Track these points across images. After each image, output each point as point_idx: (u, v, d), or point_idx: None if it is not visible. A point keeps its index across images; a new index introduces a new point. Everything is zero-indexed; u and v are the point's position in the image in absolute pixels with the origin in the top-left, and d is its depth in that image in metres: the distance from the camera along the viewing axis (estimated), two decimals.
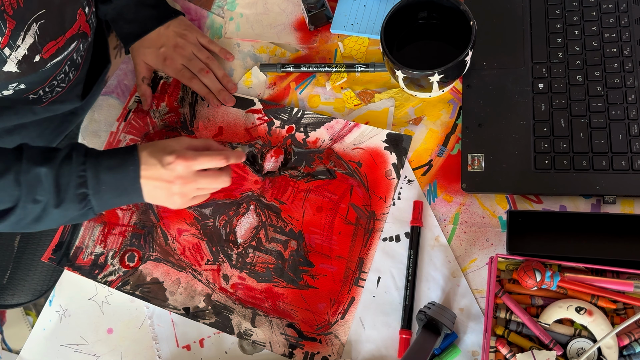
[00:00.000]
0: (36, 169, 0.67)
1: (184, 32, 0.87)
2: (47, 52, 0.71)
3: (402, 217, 0.76)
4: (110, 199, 0.70)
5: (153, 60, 0.87)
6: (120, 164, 0.70)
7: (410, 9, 0.78)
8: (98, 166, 0.69)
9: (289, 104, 0.85)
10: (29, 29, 0.67)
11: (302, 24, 0.90)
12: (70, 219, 0.71)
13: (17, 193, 0.67)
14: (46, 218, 0.69)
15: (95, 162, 0.69)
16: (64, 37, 0.73)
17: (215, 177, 0.73)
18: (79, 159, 0.69)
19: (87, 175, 0.68)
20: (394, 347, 0.71)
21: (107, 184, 0.69)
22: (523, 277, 0.63)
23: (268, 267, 0.77)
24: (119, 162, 0.70)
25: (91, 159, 0.69)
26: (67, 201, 0.68)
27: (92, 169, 0.69)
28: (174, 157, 0.70)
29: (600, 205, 0.72)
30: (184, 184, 0.71)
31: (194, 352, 0.76)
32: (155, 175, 0.70)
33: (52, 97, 0.81)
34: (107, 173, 0.69)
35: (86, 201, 0.69)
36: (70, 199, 0.68)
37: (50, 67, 0.74)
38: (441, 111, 0.80)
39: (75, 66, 0.81)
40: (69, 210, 0.69)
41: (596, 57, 0.76)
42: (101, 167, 0.69)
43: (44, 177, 0.67)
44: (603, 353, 0.62)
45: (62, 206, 0.68)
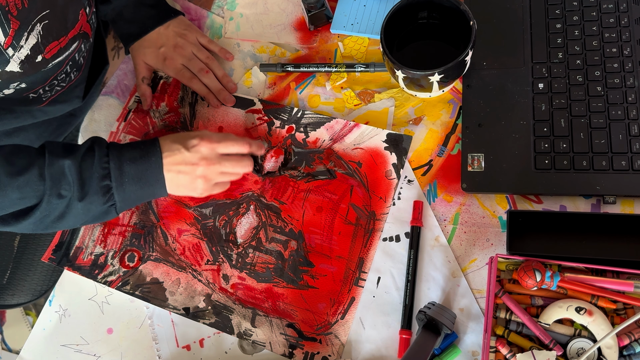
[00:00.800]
0: (59, 161, 0.68)
1: (184, 32, 0.87)
2: (50, 52, 0.72)
3: (402, 217, 0.76)
4: (133, 192, 0.71)
5: (153, 60, 0.87)
6: (143, 155, 0.71)
7: (410, 9, 0.78)
8: (121, 157, 0.70)
9: (289, 104, 0.85)
10: (33, 29, 0.67)
11: (302, 24, 0.90)
12: (93, 216, 0.71)
13: (41, 188, 0.67)
14: (70, 214, 0.69)
15: (118, 154, 0.70)
16: (66, 37, 0.74)
17: (238, 160, 0.75)
18: (102, 151, 0.70)
19: (111, 166, 0.69)
20: (394, 347, 0.71)
21: (129, 176, 0.70)
22: (523, 277, 0.63)
23: (268, 267, 0.77)
24: (141, 153, 0.71)
25: (114, 151, 0.70)
26: (90, 194, 0.68)
27: (115, 161, 0.69)
28: (198, 140, 0.72)
29: (600, 205, 0.72)
30: (208, 166, 0.72)
31: (194, 352, 0.76)
32: (178, 159, 0.71)
33: (52, 97, 0.81)
34: (130, 164, 0.70)
35: (109, 195, 0.70)
36: (94, 191, 0.69)
37: (52, 66, 0.74)
38: (441, 111, 0.80)
39: (78, 67, 0.81)
40: (92, 204, 0.69)
41: (596, 57, 0.76)
42: (124, 158, 0.70)
43: (67, 169, 0.68)
44: (603, 353, 0.62)
45: (86, 199, 0.68)
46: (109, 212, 0.72)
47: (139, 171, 0.70)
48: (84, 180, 0.68)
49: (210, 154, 0.73)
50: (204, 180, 0.73)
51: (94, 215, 0.71)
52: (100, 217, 0.72)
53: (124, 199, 0.71)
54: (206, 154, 0.72)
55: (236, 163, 0.75)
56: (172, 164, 0.72)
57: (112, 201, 0.70)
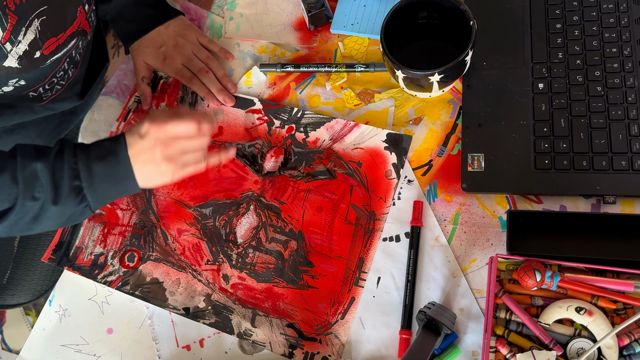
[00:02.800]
0: (32, 164, 0.67)
1: (184, 32, 0.87)
2: (48, 48, 0.72)
3: (402, 217, 0.76)
4: (105, 190, 0.70)
5: (153, 59, 0.87)
6: (109, 152, 0.69)
7: (410, 9, 0.78)
8: (88, 157, 0.69)
9: (289, 104, 0.85)
10: (31, 24, 0.67)
11: (302, 23, 0.90)
12: (68, 217, 0.70)
13: (15, 191, 0.67)
14: (44, 217, 0.69)
15: (84, 153, 0.69)
16: (65, 34, 0.74)
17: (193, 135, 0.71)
18: (69, 152, 0.69)
19: (79, 167, 0.68)
20: (394, 347, 0.71)
21: (99, 175, 0.69)
22: (523, 277, 0.63)
23: (268, 267, 0.77)
24: (107, 151, 0.70)
25: (80, 152, 0.69)
26: (63, 196, 0.68)
27: (82, 161, 0.69)
28: (147, 124, 0.69)
29: (600, 205, 0.72)
30: (165, 147, 0.70)
31: (194, 352, 0.76)
32: (138, 149, 0.70)
33: (52, 95, 0.81)
34: (98, 163, 0.69)
35: (82, 195, 0.69)
36: (67, 193, 0.68)
37: (51, 63, 0.74)
38: (441, 111, 0.80)
39: (74, 63, 0.81)
40: (66, 205, 0.69)
41: (596, 57, 0.76)
42: (91, 157, 0.69)
43: (40, 172, 0.67)
44: (603, 353, 0.62)
45: (59, 202, 0.68)
46: (84, 213, 0.71)
47: (107, 168, 0.69)
48: (56, 182, 0.68)
49: (162, 135, 0.70)
50: (168, 161, 0.71)
51: (69, 216, 0.70)
52: (75, 217, 0.71)
53: (96, 198, 0.70)
54: (158, 136, 0.70)
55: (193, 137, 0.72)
56: (135, 156, 0.70)
57: (85, 201, 0.69)
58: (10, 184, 0.66)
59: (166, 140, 0.70)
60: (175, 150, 0.70)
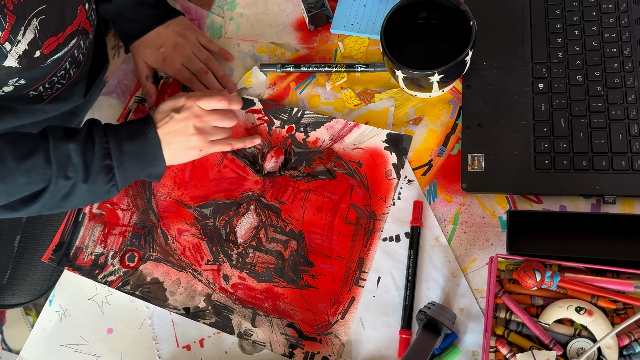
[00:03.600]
0: (64, 144, 0.69)
1: (184, 32, 0.87)
2: (48, 47, 0.72)
3: (402, 217, 0.76)
4: (133, 170, 0.73)
5: (152, 60, 0.87)
6: (139, 132, 0.73)
7: (410, 9, 0.78)
8: (119, 136, 0.72)
9: (289, 104, 0.85)
10: (29, 24, 0.67)
11: (302, 24, 0.90)
12: (95, 196, 0.73)
13: (48, 171, 0.69)
14: (74, 195, 0.71)
15: (115, 133, 0.72)
16: (65, 33, 0.74)
17: (223, 114, 0.78)
18: (99, 132, 0.72)
19: (110, 146, 0.71)
20: (394, 347, 0.71)
21: (129, 154, 0.72)
22: (523, 277, 0.63)
23: (268, 267, 0.77)
24: (137, 131, 0.73)
25: (111, 132, 0.72)
26: (94, 175, 0.70)
27: (113, 140, 0.71)
28: (184, 99, 0.75)
29: (600, 205, 0.72)
30: (198, 120, 0.75)
31: (194, 352, 0.76)
32: (171, 123, 0.74)
33: (53, 94, 0.81)
34: (128, 142, 0.72)
35: (111, 174, 0.72)
36: (97, 172, 0.71)
37: (51, 62, 0.74)
38: (441, 111, 0.80)
39: (77, 63, 0.81)
40: (96, 183, 0.71)
41: (596, 57, 0.76)
42: (121, 137, 0.72)
43: (72, 152, 0.69)
44: (603, 353, 0.62)
45: (89, 180, 0.70)
46: (110, 192, 0.74)
47: (137, 148, 0.72)
48: (87, 162, 0.70)
49: (198, 110, 0.75)
50: (199, 134, 0.75)
51: (97, 194, 0.73)
52: (102, 196, 0.74)
53: (124, 178, 0.73)
54: (195, 110, 0.75)
55: (222, 116, 0.77)
56: (165, 131, 0.74)
57: (113, 181, 0.72)
58: (44, 164, 0.68)
59: (200, 113, 0.75)
60: (207, 124, 0.76)
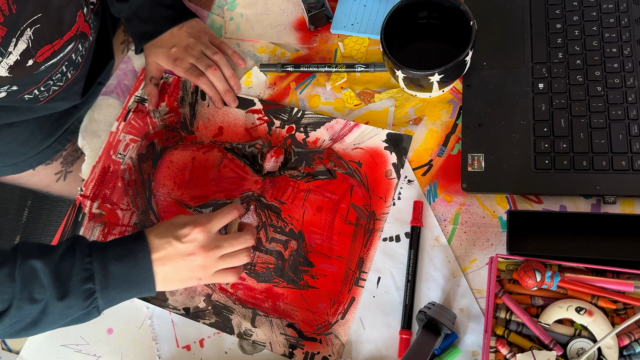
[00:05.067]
0: (31, 261, 0.62)
1: (197, 34, 0.87)
2: (41, 55, 0.71)
3: (402, 217, 0.76)
4: (118, 294, 0.65)
5: (164, 60, 0.87)
6: (129, 252, 0.65)
7: (410, 9, 0.78)
8: (105, 257, 0.64)
9: (289, 104, 0.85)
10: (22, 34, 0.66)
11: (302, 24, 0.90)
12: (71, 319, 0.65)
13: (10, 290, 0.61)
14: (46, 320, 0.63)
15: (101, 253, 0.65)
16: (61, 40, 0.73)
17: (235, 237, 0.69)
18: (83, 250, 0.64)
19: (94, 267, 0.63)
20: (394, 347, 0.71)
21: (115, 277, 0.64)
22: (523, 277, 0.63)
23: (268, 267, 0.77)
24: (127, 250, 0.65)
25: (97, 251, 0.65)
26: (70, 299, 0.62)
27: (99, 261, 0.64)
28: (191, 228, 0.66)
29: (600, 205, 0.72)
30: (206, 254, 0.66)
31: (194, 352, 0.76)
32: (172, 254, 0.66)
33: (50, 96, 0.81)
34: (116, 264, 0.64)
35: (92, 299, 0.64)
36: (75, 296, 0.63)
37: (45, 68, 0.73)
38: (441, 111, 0.80)
39: (75, 66, 0.81)
40: (72, 308, 0.63)
41: (596, 57, 0.76)
42: (108, 257, 0.64)
43: (40, 271, 0.62)
44: (603, 353, 0.62)
45: (64, 302, 0.62)
46: (90, 314, 0.65)
47: (125, 270, 0.64)
48: (62, 283, 0.62)
49: (207, 239, 0.66)
50: (203, 270, 0.67)
51: (73, 318, 0.65)
52: (80, 319, 0.66)
53: (107, 301, 0.65)
54: (203, 241, 0.66)
55: (234, 240, 0.68)
56: (163, 260, 0.66)
57: (94, 304, 0.64)
58: (6, 281, 0.61)
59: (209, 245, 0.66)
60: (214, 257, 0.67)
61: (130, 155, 0.87)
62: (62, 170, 1.02)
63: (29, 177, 0.99)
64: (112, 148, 0.88)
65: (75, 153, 1.02)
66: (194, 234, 0.66)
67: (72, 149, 1.00)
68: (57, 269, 0.63)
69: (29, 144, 0.91)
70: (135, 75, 0.93)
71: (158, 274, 0.66)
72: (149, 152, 0.86)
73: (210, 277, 0.69)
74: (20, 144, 0.91)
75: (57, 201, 1.22)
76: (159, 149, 0.86)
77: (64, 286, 0.62)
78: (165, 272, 0.66)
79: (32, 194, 1.13)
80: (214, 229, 0.68)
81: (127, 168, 0.86)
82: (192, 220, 0.67)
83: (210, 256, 0.67)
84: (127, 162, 0.86)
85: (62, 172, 1.02)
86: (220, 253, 0.68)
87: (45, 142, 0.94)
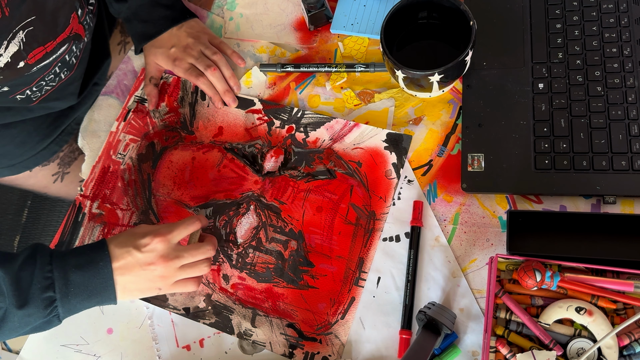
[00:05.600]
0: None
1: (197, 34, 0.87)
2: (33, 57, 0.70)
3: (402, 217, 0.76)
4: (78, 302, 0.65)
5: (163, 60, 0.87)
6: (90, 261, 0.65)
7: (410, 9, 0.78)
8: (65, 265, 0.64)
9: (289, 104, 0.85)
10: (14, 37, 0.66)
11: (302, 24, 0.90)
12: (32, 327, 0.65)
13: None
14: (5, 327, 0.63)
15: (62, 261, 0.65)
16: (54, 42, 0.72)
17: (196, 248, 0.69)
18: (44, 259, 0.65)
19: (54, 275, 0.64)
20: (394, 347, 0.71)
21: (75, 285, 0.64)
22: (523, 277, 0.63)
23: (268, 267, 0.77)
24: (88, 259, 0.65)
25: (57, 259, 0.65)
26: (30, 307, 0.63)
27: (59, 270, 0.64)
28: (151, 238, 0.66)
29: (600, 205, 0.72)
30: (166, 264, 0.67)
31: (194, 352, 0.76)
32: (131, 263, 0.66)
33: (43, 96, 0.81)
34: (76, 272, 0.64)
35: (52, 307, 0.64)
36: (35, 304, 0.63)
37: (37, 70, 0.73)
38: (441, 111, 0.80)
39: (69, 67, 0.81)
40: (31, 316, 0.63)
41: (596, 57, 0.76)
42: (69, 265, 0.65)
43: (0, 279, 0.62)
44: (603, 353, 0.62)
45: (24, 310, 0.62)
46: (50, 323, 0.66)
47: (85, 278, 0.64)
48: (22, 292, 0.62)
49: (167, 248, 0.67)
50: (163, 280, 0.68)
51: (33, 326, 0.65)
52: (40, 327, 0.66)
53: (68, 310, 0.65)
54: (163, 251, 0.66)
55: (195, 251, 0.69)
56: (124, 269, 0.66)
57: (55, 312, 0.65)
58: None
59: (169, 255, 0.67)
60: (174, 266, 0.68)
61: (130, 155, 0.87)
62: (59, 171, 1.01)
63: (26, 179, 0.99)
64: (112, 148, 0.88)
65: (72, 154, 1.02)
66: (154, 244, 0.66)
67: (69, 150, 1.00)
68: (17, 277, 0.63)
69: (26, 146, 0.91)
70: (135, 75, 0.93)
71: (118, 283, 0.66)
72: (148, 152, 0.86)
73: (170, 287, 0.69)
74: (17, 146, 0.91)
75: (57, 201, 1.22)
76: (158, 149, 0.86)
77: (23, 294, 0.62)
78: (125, 281, 0.67)
79: (32, 194, 1.13)
80: (175, 240, 0.68)
81: (127, 168, 0.86)
82: (153, 230, 0.68)
83: (170, 266, 0.67)
84: (127, 162, 0.86)
85: (60, 174, 1.02)
86: (180, 263, 0.68)
87: (42, 143, 0.94)
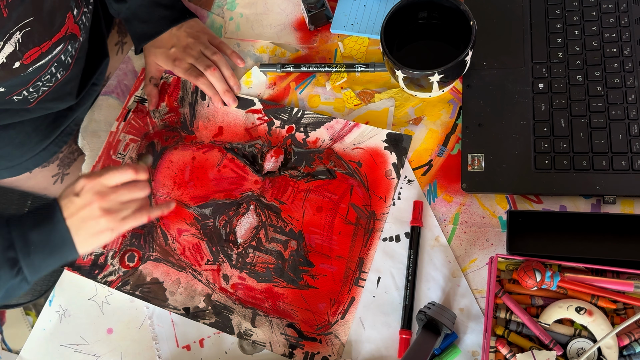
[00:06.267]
0: None
1: (196, 34, 0.87)
2: (29, 58, 0.70)
3: (402, 217, 0.76)
4: (42, 260, 0.68)
5: (163, 60, 0.87)
6: (44, 219, 0.68)
7: (410, 9, 0.78)
8: (22, 226, 0.67)
9: (289, 104, 0.85)
10: (10, 37, 0.66)
11: (302, 23, 0.90)
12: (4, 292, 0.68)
13: None
14: None
15: (18, 223, 0.68)
16: (50, 42, 0.72)
17: (131, 186, 0.72)
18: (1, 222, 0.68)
19: (13, 235, 0.66)
20: (394, 347, 0.71)
21: (36, 244, 0.67)
22: (523, 277, 0.63)
23: (268, 267, 0.77)
24: (42, 217, 0.68)
25: (14, 221, 0.68)
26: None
27: (17, 229, 0.67)
28: (83, 181, 0.70)
29: (600, 205, 0.72)
30: (102, 199, 0.69)
31: (194, 352, 0.76)
32: (74, 208, 0.69)
33: (40, 97, 0.81)
34: (33, 230, 0.67)
35: (17, 267, 0.67)
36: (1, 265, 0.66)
37: (33, 70, 0.73)
38: (441, 111, 0.80)
39: (65, 67, 0.80)
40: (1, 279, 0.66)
41: (596, 57, 0.76)
42: (26, 226, 0.67)
43: None
44: (603, 353, 0.62)
45: None
46: (21, 286, 0.69)
47: (43, 236, 0.67)
48: None
49: (100, 187, 0.70)
50: (107, 215, 0.70)
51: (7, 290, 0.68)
52: (12, 292, 0.69)
53: (33, 270, 0.68)
54: (97, 189, 0.70)
55: (132, 188, 0.72)
56: (71, 216, 0.69)
57: (21, 273, 0.67)
58: None
59: (104, 191, 0.70)
60: (114, 201, 0.70)
61: (130, 155, 0.87)
62: (59, 172, 1.01)
63: (26, 180, 0.99)
64: (112, 148, 0.88)
65: (72, 155, 1.02)
66: (88, 186, 0.69)
67: (68, 151, 1.00)
68: None
69: (25, 147, 0.91)
70: (135, 75, 0.93)
71: (72, 230, 0.69)
72: (148, 152, 0.86)
73: (120, 224, 0.71)
74: (16, 147, 0.90)
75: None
76: (158, 148, 0.86)
77: None
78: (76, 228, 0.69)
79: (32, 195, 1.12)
80: (107, 181, 0.70)
81: None
82: (86, 175, 0.71)
83: (108, 201, 0.70)
84: (127, 162, 0.86)
85: (59, 175, 1.02)
86: (118, 198, 0.71)
87: (41, 144, 0.93)
